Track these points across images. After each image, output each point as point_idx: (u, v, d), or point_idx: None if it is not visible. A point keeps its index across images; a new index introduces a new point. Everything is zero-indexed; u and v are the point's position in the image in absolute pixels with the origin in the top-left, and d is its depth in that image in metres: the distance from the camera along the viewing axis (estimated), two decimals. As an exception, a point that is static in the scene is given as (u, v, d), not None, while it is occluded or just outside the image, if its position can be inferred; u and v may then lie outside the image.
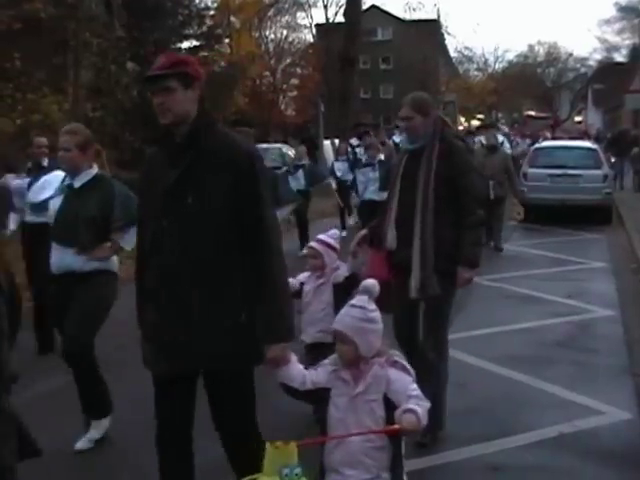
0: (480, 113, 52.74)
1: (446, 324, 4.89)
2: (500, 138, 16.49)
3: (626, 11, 50.76)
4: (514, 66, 62.60)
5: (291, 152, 20.50)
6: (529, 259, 11.94)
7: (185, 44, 27.97)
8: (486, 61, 62.27)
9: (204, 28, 28.17)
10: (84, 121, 17.78)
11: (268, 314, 3.17)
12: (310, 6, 44.90)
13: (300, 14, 45.61)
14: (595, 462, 4.63)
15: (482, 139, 15.30)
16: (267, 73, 42.93)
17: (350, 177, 12.88)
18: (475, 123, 41.54)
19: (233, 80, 27.73)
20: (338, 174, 14.44)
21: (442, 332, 4.85)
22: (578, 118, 57.66)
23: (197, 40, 28.13)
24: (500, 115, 59.17)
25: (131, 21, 23.64)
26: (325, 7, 43.56)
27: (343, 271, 4.95)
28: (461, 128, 28.46)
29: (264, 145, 21.17)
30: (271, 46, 44.05)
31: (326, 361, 3.07)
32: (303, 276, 5.08)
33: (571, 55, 63.20)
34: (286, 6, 44.01)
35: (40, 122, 16.11)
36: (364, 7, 33.75)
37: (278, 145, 21.66)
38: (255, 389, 3.34)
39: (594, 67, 61.44)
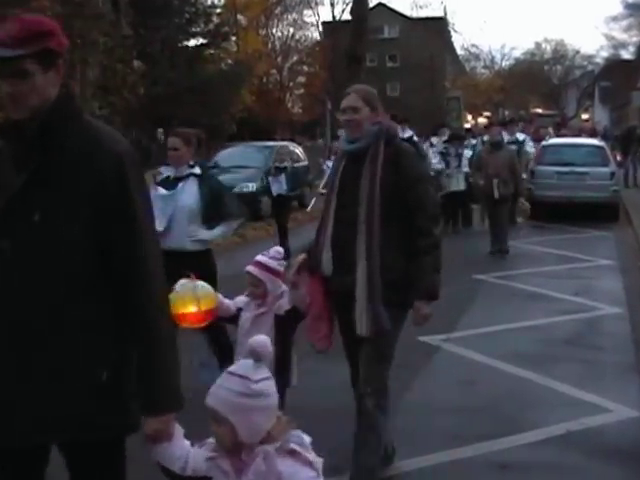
0: (487, 111, 52.69)
1: (389, 365, 4.05)
2: (522, 136, 16.13)
3: (633, 8, 50.66)
4: (521, 63, 62.69)
5: (298, 150, 20.46)
6: (536, 256, 11.92)
7: (192, 42, 28.10)
8: (493, 59, 62.49)
9: (211, 26, 28.27)
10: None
11: (146, 375, 2.35)
12: (317, 4, 45.05)
13: (307, 12, 45.84)
14: (602, 460, 4.62)
15: (484, 136, 15.16)
16: (274, 71, 42.97)
17: None
18: (482, 121, 41.47)
19: (240, 78, 27.77)
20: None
21: (385, 374, 4.04)
22: (585, 116, 57.49)
23: (204, 38, 28.23)
24: (507, 113, 59.06)
25: (138, 19, 23.72)
26: (332, 5, 43.67)
27: (286, 302, 4.18)
28: (467, 126, 28.29)
29: (271, 143, 21.17)
30: (278, 44, 44.07)
31: (210, 439, 2.28)
32: (241, 300, 4.31)
33: (578, 52, 63.31)
34: (293, 4, 44.10)
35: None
36: (371, 5, 33.64)
37: (285, 143, 21.65)
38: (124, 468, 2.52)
39: (601, 64, 61.34)
